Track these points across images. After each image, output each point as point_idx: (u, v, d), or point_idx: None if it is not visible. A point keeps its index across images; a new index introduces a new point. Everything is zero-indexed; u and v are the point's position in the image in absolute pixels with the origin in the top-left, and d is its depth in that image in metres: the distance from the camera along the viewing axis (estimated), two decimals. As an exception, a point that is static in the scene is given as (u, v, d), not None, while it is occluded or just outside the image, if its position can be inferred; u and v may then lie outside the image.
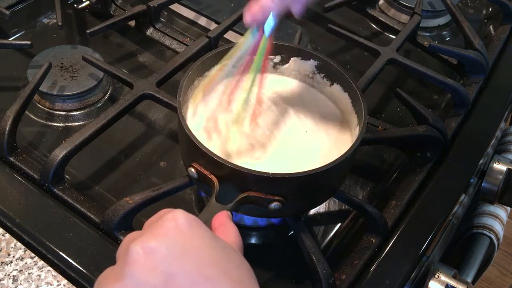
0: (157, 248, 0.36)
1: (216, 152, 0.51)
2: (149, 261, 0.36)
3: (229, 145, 0.56)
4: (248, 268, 0.40)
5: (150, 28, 0.83)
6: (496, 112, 0.79)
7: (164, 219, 0.38)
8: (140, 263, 0.36)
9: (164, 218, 0.38)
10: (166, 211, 0.40)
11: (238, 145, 0.56)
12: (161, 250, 0.36)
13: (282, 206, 0.52)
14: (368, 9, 0.91)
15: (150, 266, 0.36)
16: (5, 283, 0.52)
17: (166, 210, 0.41)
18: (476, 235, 0.81)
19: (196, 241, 0.38)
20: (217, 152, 0.51)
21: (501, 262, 1.55)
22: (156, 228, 0.38)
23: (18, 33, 0.84)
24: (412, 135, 0.68)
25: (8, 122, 0.62)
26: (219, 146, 0.56)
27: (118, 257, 0.39)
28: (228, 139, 0.56)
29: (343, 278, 0.57)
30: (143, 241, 0.36)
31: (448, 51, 0.82)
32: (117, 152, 0.70)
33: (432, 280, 0.61)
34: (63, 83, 0.73)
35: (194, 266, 0.36)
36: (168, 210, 0.40)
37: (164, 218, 0.38)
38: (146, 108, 0.75)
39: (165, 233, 0.37)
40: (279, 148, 0.57)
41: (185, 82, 0.56)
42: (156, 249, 0.36)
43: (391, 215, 0.63)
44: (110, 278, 0.36)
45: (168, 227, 0.38)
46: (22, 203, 0.58)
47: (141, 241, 0.37)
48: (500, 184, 0.75)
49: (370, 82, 0.72)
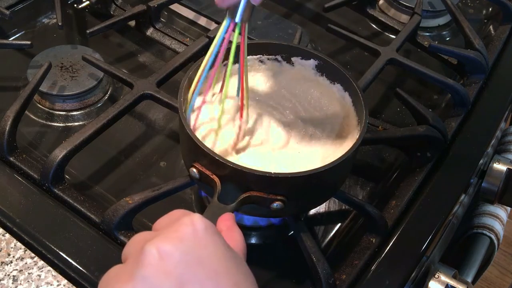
0: (172, 253, 0.36)
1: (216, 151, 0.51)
2: (164, 265, 0.35)
3: (225, 144, 0.56)
4: (253, 278, 0.40)
5: (150, 28, 0.83)
6: (496, 112, 0.79)
7: (181, 222, 0.38)
8: (154, 266, 0.35)
9: (181, 222, 0.38)
10: (181, 213, 0.40)
11: (236, 145, 0.56)
12: (176, 255, 0.36)
13: (284, 205, 0.52)
14: (368, 9, 0.91)
15: (164, 270, 0.35)
16: (5, 283, 0.52)
17: (180, 211, 0.41)
18: (476, 235, 0.81)
19: (210, 248, 0.37)
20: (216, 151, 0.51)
21: (501, 262, 1.55)
22: (172, 231, 0.37)
23: (18, 33, 0.84)
24: (412, 135, 0.68)
25: (8, 122, 0.62)
26: (217, 146, 0.56)
27: (127, 256, 0.38)
28: (223, 137, 0.56)
29: (343, 278, 0.57)
30: (158, 242, 0.36)
31: (448, 51, 0.82)
32: (117, 152, 0.70)
33: (432, 280, 0.61)
34: (63, 83, 0.73)
35: (207, 275, 0.36)
36: (184, 212, 0.40)
37: (181, 222, 0.38)
38: (146, 108, 0.75)
39: (181, 238, 0.37)
40: (279, 148, 0.58)
41: (186, 82, 0.56)
42: (171, 253, 0.36)
43: (391, 215, 0.63)
44: (120, 278, 0.36)
45: (184, 232, 0.37)
46: (22, 203, 0.58)
47: (157, 242, 0.36)
48: (500, 184, 0.75)
49: (370, 82, 0.72)
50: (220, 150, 0.55)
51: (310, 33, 0.87)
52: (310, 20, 0.94)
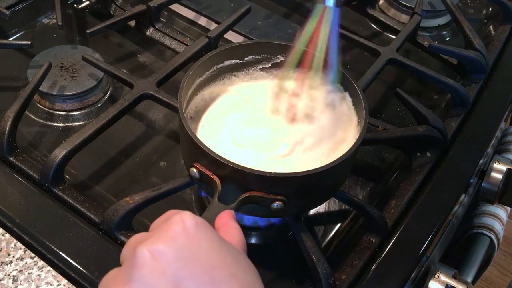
0: (165, 252, 0.36)
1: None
2: (157, 264, 0.35)
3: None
4: (254, 270, 0.40)
5: (150, 28, 0.83)
6: (496, 112, 0.79)
7: (171, 221, 0.38)
8: (148, 266, 0.35)
9: (171, 221, 0.38)
10: (173, 212, 0.40)
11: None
12: (169, 253, 0.36)
13: (284, 205, 0.52)
14: (368, 9, 0.91)
15: (159, 269, 0.35)
16: (5, 283, 0.52)
17: (173, 211, 0.41)
18: (476, 235, 0.81)
19: (203, 244, 0.37)
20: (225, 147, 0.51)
21: (501, 262, 1.55)
22: (163, 231, 0.37)
23: (18, 33, 0.84)
24: (412, 135, 0.68)
25: (8, 122, 0.62)
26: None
27: (123, 259, 0.38)
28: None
29: (343, 278, 0.57)
30: (150, 244, 0.36)
31: (448, 51, 0.82)
32: (117, 152, 0.70)
33: (432, 280, 0.61)
34: (63, 83, 0.73)
35: (202, 269, 0.36)
36: (175, 211, 0.40)
37: (171, 221, 0.38)
38: (146, 108, 0.75)
39: (173, 236, 0.37)
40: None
41: (186, 82, 0.56)
42: (164, 252, 0.36)
43: (391, 215, 0.63)
44: (117, 281, 0.36)
45: (175, 230, 0.37)
46: (22, 203, 0.58)
47: (148, 244, 0.36)
48: (500, 184, 0.75)
49: (370, 82, 0.72)
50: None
51: (310, 33, 0.87)
52: (310, 20, 0.94)
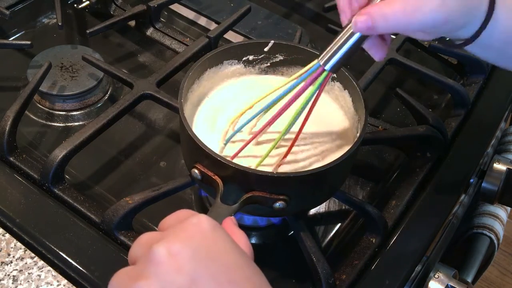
0: (182, 250, 0.36)
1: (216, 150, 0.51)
2: (175, 262, 0.36)
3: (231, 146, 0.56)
4: (263, 276, 0.40)
5: (150, 28, 0.83)
6: (496, 112, 0.79)
7: (188, 222, 0.38)
8: (166, 263, 0.35)
9: (188, 221, 0.38)
10: (188, 213, 0.40)
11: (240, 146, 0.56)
12: (186, 252, 0.36)
13: (286, 205, 0.52)
14: (368, 9, 0.91)
15: (176, 267, 0.35)
16: (5, 283, 0.52)
17: (187, 211, 0.41)
18: (476, 235, 0.81)
19: (220, 245, 0.38)
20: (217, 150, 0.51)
21: (501, 262, 1.55)
22: (180, 231, 0.38)
23: (18, 33, 0.84)
24: (412, 135, 0.68)
25: (8, 122, 0.62)
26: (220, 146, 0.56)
27: (135, 258, 0.38)
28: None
29: (343, 278, 0.57)
30: (167, 242, 0.36)
31: (448, 51, 0.82)
32: (117, 152, 0.70)
33: (432, 280, 0.61)
34: (63, 83, 0.73)
35: (219, 269, 0.36)
36: (191, 212, 0.40)
37: (188, 221, 0.38)
38: (146, 108, 0.75)
39: (190, 236, 0.37)
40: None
41: (186, 82, 0.56)
42: (181, 251, 0.36)
43: (391, 215, 0.63)
44: (132, 278, 0.36)
45: (192, 231, 0.38)
46: (22, 203, 0.58)
47: (165, 242, 0.36)
48: (500, 184, 0.75)
49: (370, 82, 0.72)
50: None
51: (310, 33, 0.87)
52: (310, 20, 0.94)
